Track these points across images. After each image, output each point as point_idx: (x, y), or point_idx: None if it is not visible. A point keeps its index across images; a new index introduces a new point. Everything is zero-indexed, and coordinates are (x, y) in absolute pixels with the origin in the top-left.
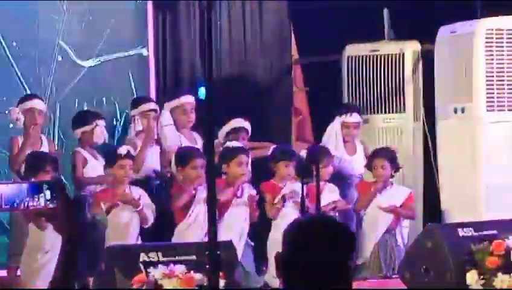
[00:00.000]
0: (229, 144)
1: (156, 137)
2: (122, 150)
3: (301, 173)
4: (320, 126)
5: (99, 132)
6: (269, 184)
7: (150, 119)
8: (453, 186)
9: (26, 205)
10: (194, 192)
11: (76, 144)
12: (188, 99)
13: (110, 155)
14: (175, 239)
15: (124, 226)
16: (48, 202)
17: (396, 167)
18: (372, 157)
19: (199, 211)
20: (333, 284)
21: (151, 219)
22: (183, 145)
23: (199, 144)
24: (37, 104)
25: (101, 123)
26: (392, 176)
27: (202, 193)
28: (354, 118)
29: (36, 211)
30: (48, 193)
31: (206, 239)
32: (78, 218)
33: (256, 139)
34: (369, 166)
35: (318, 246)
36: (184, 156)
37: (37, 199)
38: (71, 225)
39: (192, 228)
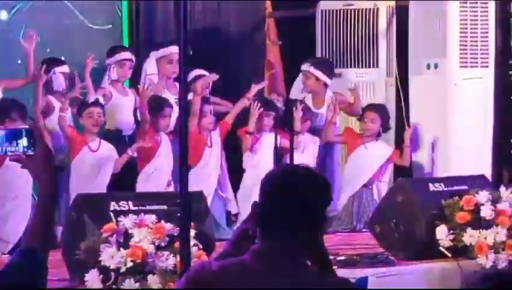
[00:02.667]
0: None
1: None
2: (90, 98)
3: (279, 124)
4: (293, 80)
5: (57, 79)
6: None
7: (125, 68)
8: (424, 142)
9: (4, 150)
10: (159, 139)
11: None
12: (175, 49)
13: (79, 104)
14: (138, 186)
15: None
16: (26, 149)
17: (386, 126)
18: (364, 110)
19: (162, 160)
20: (306, 235)
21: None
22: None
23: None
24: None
25: (60, 70)
26: (379, 134)
27: (167, 142)
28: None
29: (13, 157)
30: (25, 140)
31: (168, 188)
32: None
33: (229, 92)
34: (360, 118)
35: (293, 196)
36: (155, 104)
37: (15, 145)
38: (49, 171)
39: (154, 176)
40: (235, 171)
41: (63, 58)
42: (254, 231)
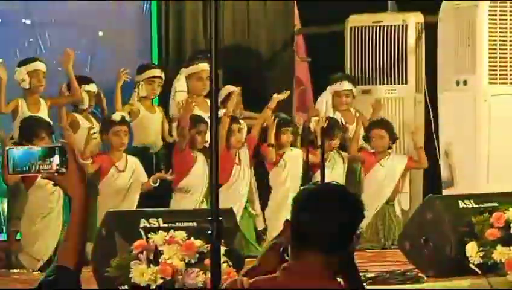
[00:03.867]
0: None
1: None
2: (116, 116)
3: (305, 142)
4: None
5: (83, 97)
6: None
7: (154, 86)
8: (453, 158)
9: (36, 169)
10: (195, 156)
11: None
12: (205, 67)
13: (104, 122)
14: (173, 203)
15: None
16: (59, 166)
17: (394, 138)
18: (369, 128)
19: (197, 177)
20: (338, 253)
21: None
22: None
23: None
24: (41, 66)
25: (86, 88)
26: (390, 147)
27: (202, 160)
28: (343, 86)
29: (45, 175)
30: (58, 158)
31: (203, 205)
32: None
33: (259, 109)
34: (366, 137)
35: (325, 214)
36: (190, 121)
37: (48, 163)
38: (82, 189)
39: (189, 193)
40: (259, 187)
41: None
42: (285, 248)
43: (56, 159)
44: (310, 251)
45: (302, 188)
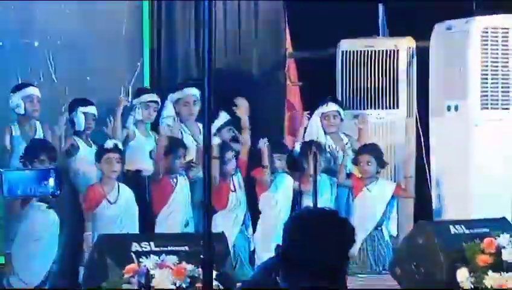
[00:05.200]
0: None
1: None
2: (108, 144)
3: (294, 167)
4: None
5: (78, 119)
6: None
7: (150, 110)
8: (445, 184)
9: (32, 191)
10: (174, 181)
11: None
12: (191, 92)
13: (97, 150)
14: (156, 228)
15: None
16: (53, 189)
17: (382, 163)
18: (357, 154)
19: (178, 201)
20: (329, 279)
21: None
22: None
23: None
24: (35, 91)
25: (83, 110)
26: (378, 172)
27: (183, 183)
28: (330, 107)
29: (40, 197)
30: (52, 180)
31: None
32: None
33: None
34: (355, 162)
35: (317, 239)
36: (168, 145)
37: (43, 186)
38: (76, 212)
39: (171, 217)
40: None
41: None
42: (277, 273)
43: (51, 182)
44: (299, 276)
45: (293, 213)
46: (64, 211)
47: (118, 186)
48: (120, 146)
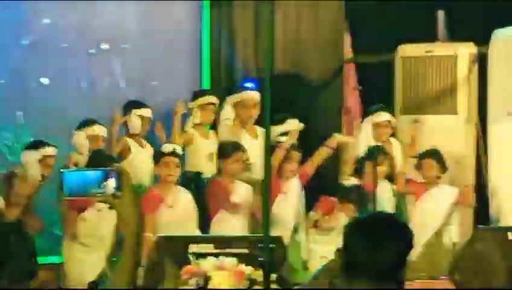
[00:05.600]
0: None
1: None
2: (167, 147)
3: (357, 171)
4: None
5: (133, 122)
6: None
7: (208, 112)
8: (504, 190)
9: (92, 192)
10: (235, 185)
11: None
12: (251, 95)
13: (155, 153)
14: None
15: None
16: (115, 190)
17: (443, 168)
18: (420, 159)
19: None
20: (388, 282)
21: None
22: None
23: (261, 139)
24: (101, 130)
25: (137, 112)
26: (438, 177)
27: (241, 188)
28: (382, 117)
29: (101, 199)
30: (113, 181)
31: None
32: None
33: (306, 136)
34: (417, 167)
35: (375, 243)
36: (226, 149)
37: (103, 187)
38: (136, 213)
39: (228, 220)
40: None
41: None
42: (336, 276)
43: (112, 183)
44: (359, 279)
45: (354, 218)
46: (124, 213)
47: (177, 190)
48: (179, 150)
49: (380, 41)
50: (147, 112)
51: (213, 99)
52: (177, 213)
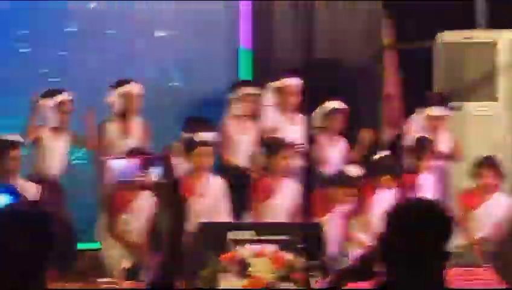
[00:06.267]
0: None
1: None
2: (201, 136)
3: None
4: (410, 113)
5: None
6: None
7: (248, 103)
8: None
9: (139, 178)
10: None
11: None
12: (292, 82)
13: (189, 141)
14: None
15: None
16: (159, 177)
17: (501, 176)
18: (476, 166)
19: (277, 202)
20: (431, 270)
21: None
22: (281, 129)
23: (302, 127)
24: (134, 88)
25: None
26: (496, 186)
27: (286, 185)
28: (436, 111)
29: (144, 184)
30: (158, 168)
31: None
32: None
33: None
34: (473, 175)
35: (416, 229)
36: (272, 145)
37: (147, 174)
38: (179, 200)
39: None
40: None
41: None
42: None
43: (155, 170)
44: (402, 268)
45: (394, 204)
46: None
47: (209, 179)
48: (211, 140)
49: (419, 29)
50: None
51: (253, 90)
52: (208, 202)
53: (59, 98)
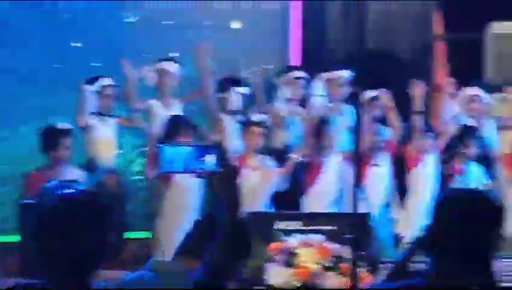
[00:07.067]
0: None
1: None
2: (255, 116)
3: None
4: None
5: (233, 99)
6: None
7: (297, 87)
8: None
9: (192, 167)
10: (324, 161)
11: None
12: (342, 73)
13: (243, 122)
14: (304, 206)
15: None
16: (214, 166)
17: None
18: None
19: (327, 180)
20: (479, 258)
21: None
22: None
23: (348, 117)
24: (170, 66)
25: (237, 90)
26: None
27: (333, 162)
28: (470, 90)
29: (200, 174)
30: (212, 157)
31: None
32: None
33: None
34: None
35: (467, 219)
36: (317, 125)
37: (202, 162)
38: (234, 188)
39: (319, 197)
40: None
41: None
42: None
43: (210, 158)
44: (450, 258)
45: (442, 192)
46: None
47: (259, 157)
48: (265, 120)
49: (470, 18)
50: (245, 90)
51: (301, 73)
52: (258, 176)
53: (101, 83)
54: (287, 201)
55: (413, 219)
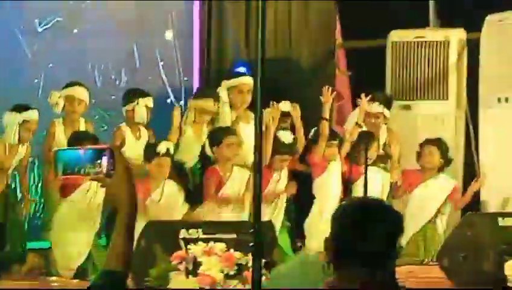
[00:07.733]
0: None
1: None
2: (162, 148)
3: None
4: None
5: (140, 111)
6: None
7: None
8: (493, 176)
9: (85, 171)
10: (228, 174)
11: None
12: (245, 80)
13: (149, 151)
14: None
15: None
16: (108, 169)
17: (446, 159)
18: (421, 145)
19: (229, 190)
20: (380, 269)
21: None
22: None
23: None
24: (78, 92)
25: (144, 102)
26: (440, 168)
27: (236, 171)
28: (373, 108)
29: (93, 177)
30: (106, 159)
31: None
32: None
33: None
34: (417, 154)
35: (366, 229)
36: (218, 134)
37: (97, 166)
38: (130, 191)
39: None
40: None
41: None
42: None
43: (105, 161)
44: (351, 268)
45: (341, 203)
46: (118, 192)
47: (164, 184)
48: (171, 150)
49: (370, 27)
50: (150, 102)
51: (210, 102)
52: (163, 206)
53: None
54: None
55: (319, 227)
